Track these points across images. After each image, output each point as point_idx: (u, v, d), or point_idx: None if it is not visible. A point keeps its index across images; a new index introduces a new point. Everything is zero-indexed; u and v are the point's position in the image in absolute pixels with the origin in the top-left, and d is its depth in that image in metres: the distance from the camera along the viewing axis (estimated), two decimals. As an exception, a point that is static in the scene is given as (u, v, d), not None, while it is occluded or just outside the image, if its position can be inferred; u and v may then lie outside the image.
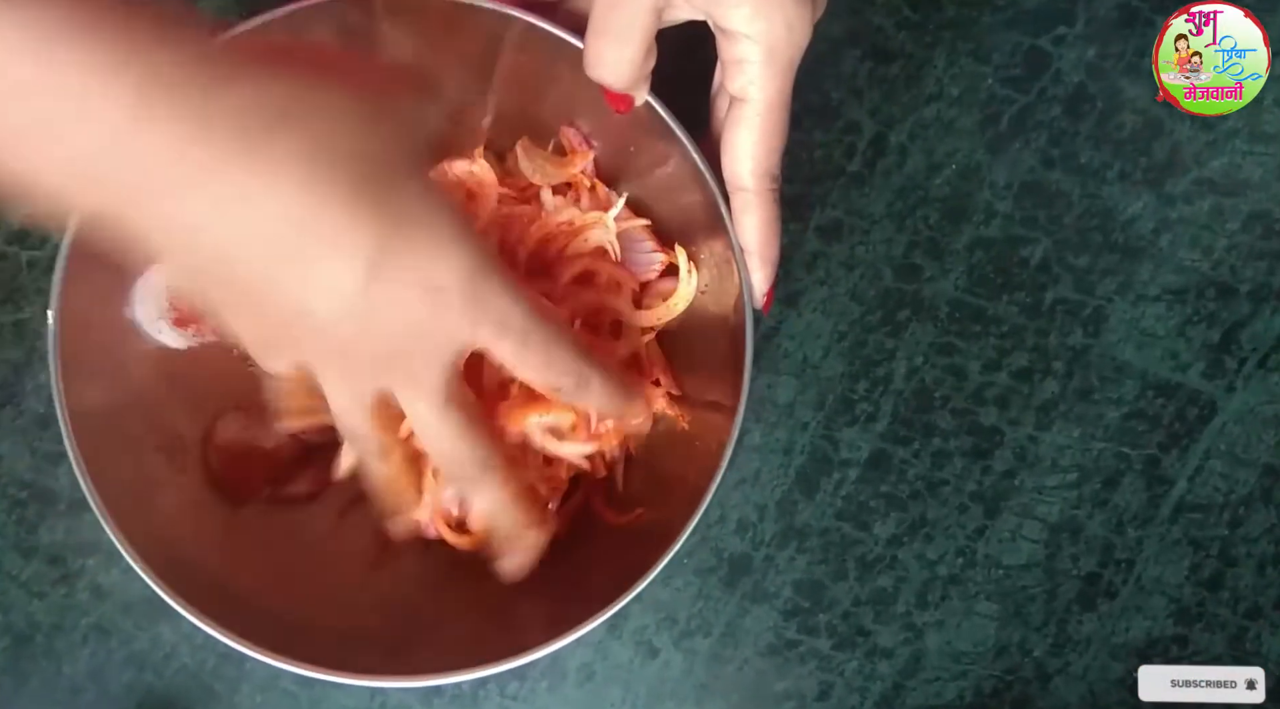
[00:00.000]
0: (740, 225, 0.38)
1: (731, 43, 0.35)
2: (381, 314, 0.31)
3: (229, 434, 0.44)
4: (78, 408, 0.37)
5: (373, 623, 0.42)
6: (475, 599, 0.43)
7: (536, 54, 0.39)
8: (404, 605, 0.43)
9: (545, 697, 0.50)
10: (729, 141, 0.37)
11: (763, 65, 0.35)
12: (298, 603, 0.40)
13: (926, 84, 0.50)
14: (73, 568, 0.49)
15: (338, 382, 0.34)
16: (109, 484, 0.37)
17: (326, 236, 0.30)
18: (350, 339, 0.32)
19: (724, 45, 0.36)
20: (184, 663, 0.49)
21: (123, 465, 0.39)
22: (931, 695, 0.50)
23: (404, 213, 0.31)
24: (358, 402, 0.35)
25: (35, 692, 0.49)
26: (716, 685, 0.50)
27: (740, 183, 0.37)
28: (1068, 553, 0.50)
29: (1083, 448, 0.50)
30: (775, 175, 0.38)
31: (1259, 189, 0.50)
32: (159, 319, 0.42)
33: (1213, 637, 0.50)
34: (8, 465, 0.49)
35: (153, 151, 0.28)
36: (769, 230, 0.38)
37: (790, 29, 0.35)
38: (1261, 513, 0.50)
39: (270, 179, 0.29)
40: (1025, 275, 0.50)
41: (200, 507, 0.42)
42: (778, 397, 0.50)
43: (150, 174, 0.28)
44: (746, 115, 0.36)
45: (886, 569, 0.50)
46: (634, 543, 0.43)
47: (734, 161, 0.37)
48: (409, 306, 0.32)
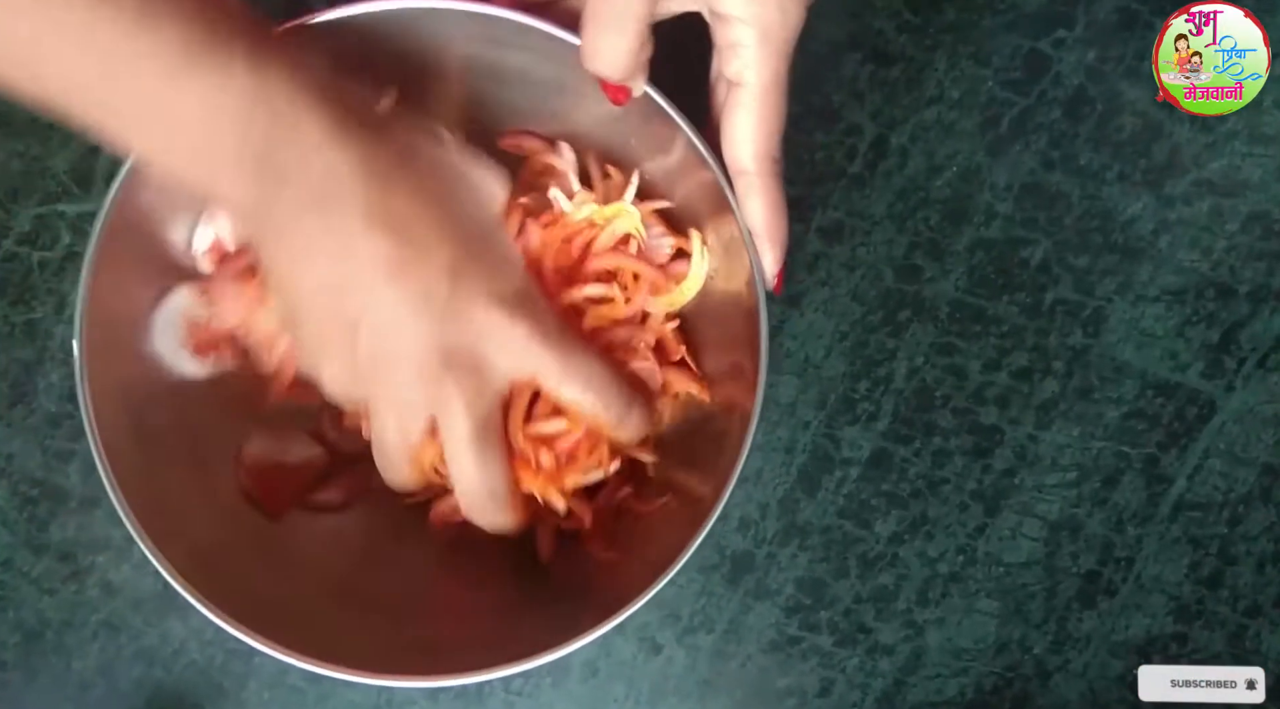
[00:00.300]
0: (746, 209, 0.38)
1: (726, 27, 0.36)
2: (457, 327, 0.34)
3: (256, 453, 0.44)
4: (110, 440, 0.38)
5: (383, 620, 0.42)
6: (487, 599, 0.43)
7: (532, 53, 0.39)
8: (414, 603, 0.44)
9: (549, 693, 0.50)
10: (728, 126, 0.37)
11: (758, 48, 0.35)
12: (308, 599, 0.41)
13: (927, 87, 0.50)
14: (83, 564, 0.50)
15: (386, 413, 0.36)
16: (131, 487, 0.38)
17: (417, 250, 0.33)
18: (425, 361, 0.34)
19: (718, 30, 0.36)
20: (193, 659, 0.50)
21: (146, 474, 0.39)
22: (932, 692, 0.50)
23: (472, 234, 0.35)
24: (405, 438, 0.37)
25: (45, 687, 0.50)
26: (719, 682, 0.50)
27: (742, 166, 0.38)
28: (1068, 551, 0.50)
29: (1082, 447, 0.50)
30: (776, 157, 0.38)
31: (1258, 190, 0.50)
32: (179, 349, 0.42)
33: (1212, 635, 0.51)
34: (19, 463, 0.50)
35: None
36: (775, 212, 0.38)
37: (784, 11, 0.35)
38: (1260, 511, 0.51)
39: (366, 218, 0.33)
40: (1025, 276, 0.50)
41: (222, 510, 0.43)
42: (780, 396, 0.50)
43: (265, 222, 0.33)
44: (744, 99, 0.37)
45: (888, 567, 0.50)
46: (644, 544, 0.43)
47: (734, 146, 0.37)
48: (475, 321, 0.35)
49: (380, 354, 0.34)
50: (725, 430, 0.41)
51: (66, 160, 0.50)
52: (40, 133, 0.50)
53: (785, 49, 0.36)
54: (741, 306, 0.41)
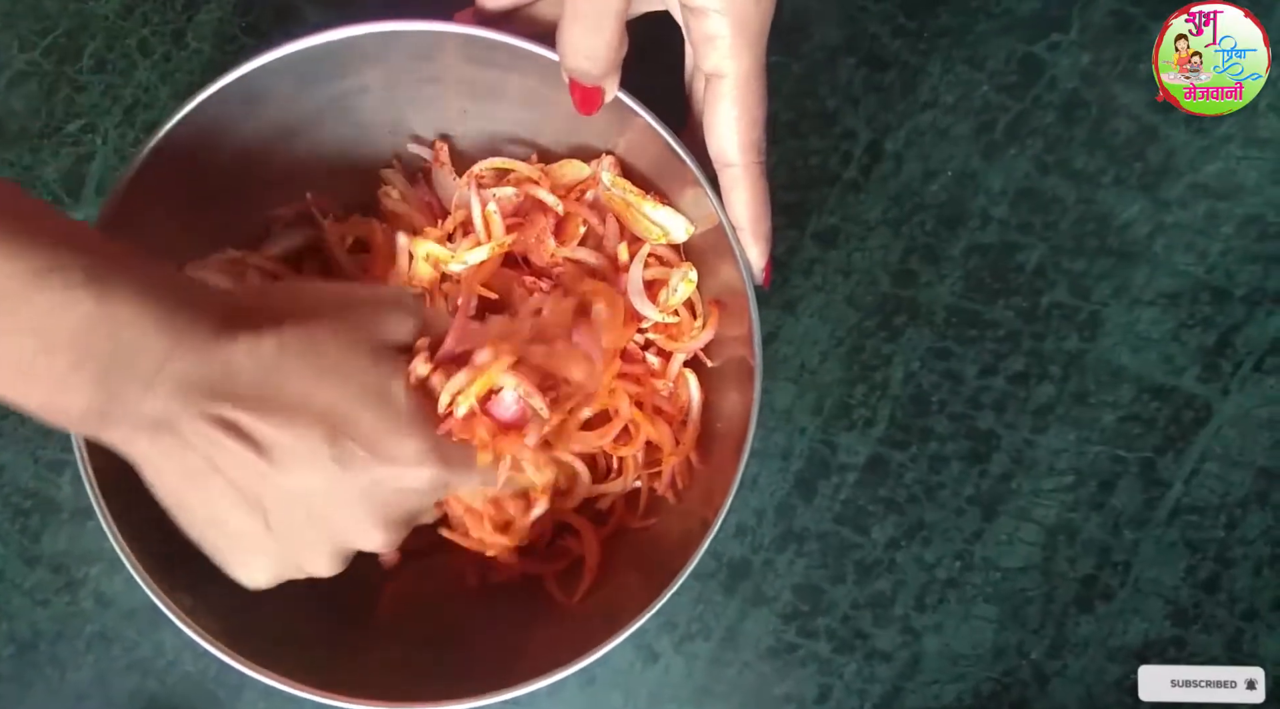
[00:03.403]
0: (730, 202, 0.38)
1: (700, 20, 0.35)
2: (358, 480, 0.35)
3: None
4: (96, 451, 0.37)
5: (381, 642, 0.42)
6: (488, 619, 0.43)
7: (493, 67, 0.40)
8: (412, 625, 0.44)
9: (546, 702, 0.50)
10: (710, 119, 0.37)
11: (733, 38, 0.35)
12: (300, 619, 0.40)
13: (922, 91, 0.50)
14: (76, 576, 0.49)
15: (374, 530, 0.36)
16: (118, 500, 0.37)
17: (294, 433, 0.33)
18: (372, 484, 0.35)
19: (693, 24, 0.36)
20: (187, 670, 0.49)
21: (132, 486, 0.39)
22: (930, 698, 0.50)
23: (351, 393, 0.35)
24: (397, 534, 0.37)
25: (40, 699, 0.50)
26: (717, 689, 0.50)
27: (726, 158, 0.37)
28: (1065, 555, 0.50)
29: (1079, 451, 0.50)
30: (760, 148, 0.38)
31: (1253, 193, 0.50)
32: None
33: (1209, 638, 0.51)
34: (10, 474, 0.49)
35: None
36: (759, 204, 0.38)
37: (756, 1, 0.35)
38: (1257, 515, 0.50)
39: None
40: (1021, 280, 0.50)
41: None
42: (776, 402, 0.50)
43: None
44: (724, 90, 0.36)
45: (885, 572, 0.50)
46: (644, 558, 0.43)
47: (718, 138, 0.37)
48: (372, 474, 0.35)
49: (294, 524, 0.35)
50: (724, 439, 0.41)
51: (58, 170, 0.50)
52: (31, 142, 0.50)
53: (761, 38, 0.36)
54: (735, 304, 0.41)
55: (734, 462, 0.38)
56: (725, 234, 0.38)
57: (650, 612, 0.38)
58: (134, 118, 0.50)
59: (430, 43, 0.39)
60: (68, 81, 0.50)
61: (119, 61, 0.50)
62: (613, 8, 0.35)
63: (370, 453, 0.34)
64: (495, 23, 0.39)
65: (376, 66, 0.40)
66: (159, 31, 0.50)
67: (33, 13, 0.50)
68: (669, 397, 0.44)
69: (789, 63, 0.50)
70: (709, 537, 0.38)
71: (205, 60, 0.50)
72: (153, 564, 0.37)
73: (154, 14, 0.50)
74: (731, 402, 0.42)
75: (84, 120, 0.50)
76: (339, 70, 0.40)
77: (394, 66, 0.41)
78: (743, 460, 0.39)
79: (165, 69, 0.50)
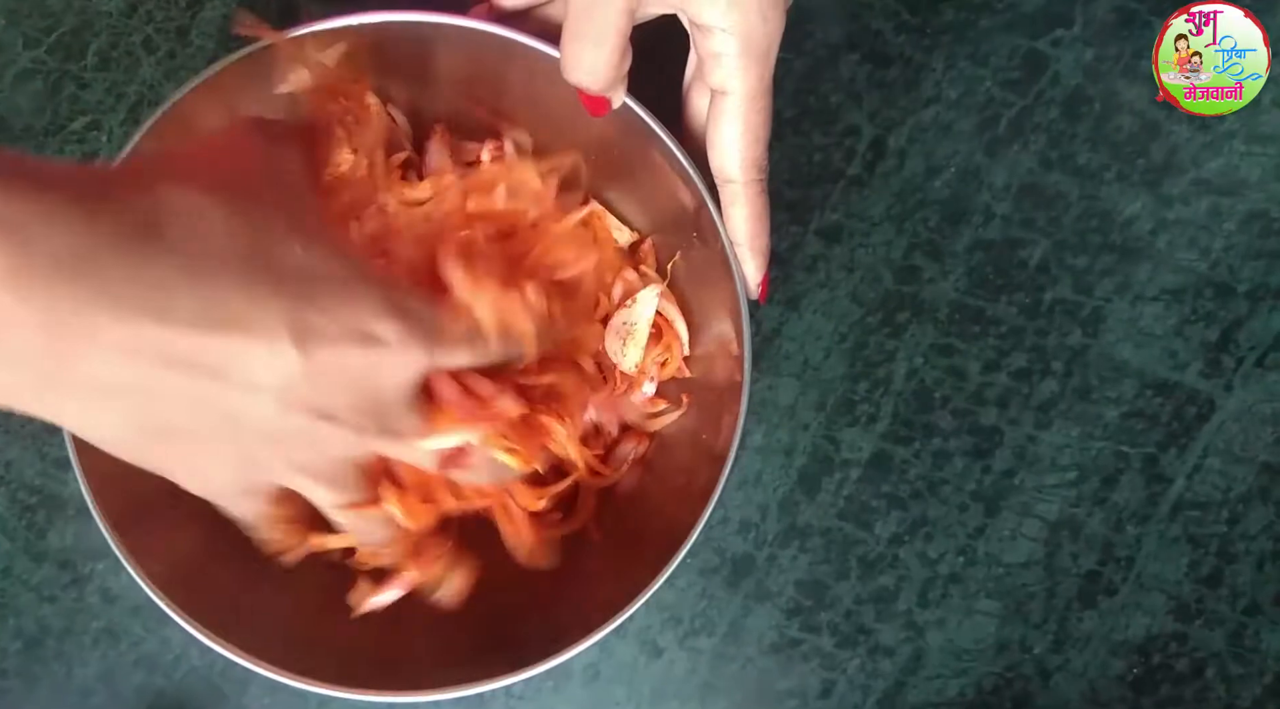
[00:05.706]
0: (729, 218, 0.39)
1: (707, 37, 0.36)
2: (330, 381, 0.29)
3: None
4: (87, 449, 0.37)
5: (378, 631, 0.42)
6: (483, 606, 0.43)
7: (503, 62, 0.40)
8: (410, 613, 0.44)
9: (550, 697, 0.50)
10: (714, 136, 0.37)
11: (740, 57, 0.35)
12: (299, 611, 0.41)
13: (925, 87, 0.50)
14: (82, 572, 0.50)
15: (314, 485, 0.32)
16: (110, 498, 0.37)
17: (238, 330, 0.27)
18: (311, 426, 0.30)
19: (699, 40, 0.36)
20: (193, 665, 0.50)
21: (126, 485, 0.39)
22: (933, 693, 0.50)
23: (302, 274, 0.29)
24: (348, 494, 0.33)
25: (46, 695, 0.50)
26: (720, 684, 0.50)
27: (728, 175, 0.38)
28: (1067, 551, 0.50)
29: (1082, 447, 0.50)
30: (763, 166, 0.38)
31: (1256, 189, 0.50)
32: None
33: (1212, 633, 0.51)
34: (17, 471, 0.50)
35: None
36: (758, 221, 0.38)
37: (764, 19, 0.35)
38: (1260, 510, 0.51)
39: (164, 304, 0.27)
40: (1024, 276, 0.50)
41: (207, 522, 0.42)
42: (779, 398, 0.50)
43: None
44: (729, 108, 0.36)
45: (888, 568, 0.50)
46: (639, 549, 0.43)
47: (721, 155, 0.37)
48: (350, 361, 0.29)
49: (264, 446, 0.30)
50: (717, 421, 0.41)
51: (62, 166, 0.50)
52: (36, 140, 0.50)
53: (768, 56, 0.36)
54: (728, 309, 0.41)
55: (724, 453, 0.39)
56: (723, 252, 0.39)
57: (642, 600, 0.38)
58: (138, 115, 0.50)
59: (439, 36, 0.39)
60: (72, 79, 0.50)
61: (123, 59, 0.50)
62: (612, 26, 0.35)
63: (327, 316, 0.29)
64: (509, 20, 0.39)
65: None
66: (163, 29, 0.50)
67: (37, 10, 0.50)
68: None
69: (792, 59, 0.50)
70: (702, 519, 0.38)
71: (209, 57, 0.50)
72: (152, 561, 0.37)
73: (158, 11, 0.50)
74: (724, 423, 0.42)
75: (89, 118, 0.50)
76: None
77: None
78: (733, 455, 0.39)
79: (170, 66, 0.50)
